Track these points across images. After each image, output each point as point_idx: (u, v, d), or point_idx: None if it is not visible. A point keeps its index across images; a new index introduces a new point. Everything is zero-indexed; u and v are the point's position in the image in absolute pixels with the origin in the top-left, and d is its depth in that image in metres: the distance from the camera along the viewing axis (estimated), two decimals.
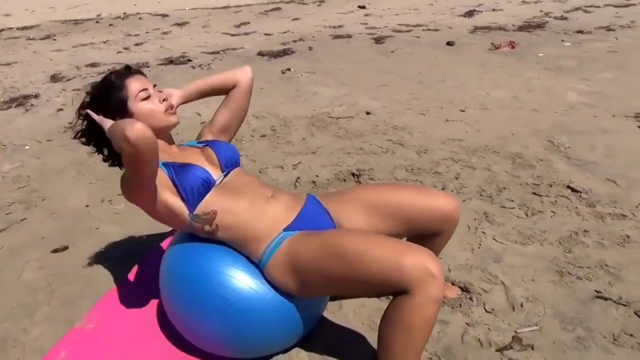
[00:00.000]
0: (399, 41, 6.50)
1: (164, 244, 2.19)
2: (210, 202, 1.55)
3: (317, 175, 2.94)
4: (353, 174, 2.90)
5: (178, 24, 8.65)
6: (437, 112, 3.85)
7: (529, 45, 5.86)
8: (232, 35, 7.64)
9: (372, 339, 1.75)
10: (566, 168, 2.87)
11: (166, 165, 1.57)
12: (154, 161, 1.41)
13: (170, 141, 1.72)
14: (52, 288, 2.08)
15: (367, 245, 1.38)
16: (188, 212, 1.55)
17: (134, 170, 1.42)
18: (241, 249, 1.58)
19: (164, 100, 1.67)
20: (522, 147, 3.16)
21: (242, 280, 1.54)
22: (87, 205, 2.73)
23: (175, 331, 1.72)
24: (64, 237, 2.44)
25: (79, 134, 1.70)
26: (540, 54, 5.46)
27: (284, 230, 1.55)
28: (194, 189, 1.54)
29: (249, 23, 8.55)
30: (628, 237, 2.24)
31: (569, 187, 2.66)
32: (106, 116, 1.57)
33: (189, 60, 6.06)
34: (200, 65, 5.76)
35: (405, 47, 6.15)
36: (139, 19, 9.25)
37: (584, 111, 3.73)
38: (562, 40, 6.07)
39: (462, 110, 3.85)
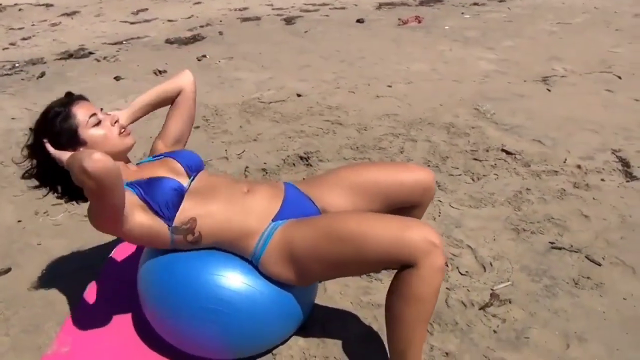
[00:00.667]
0: (309, 21, 6.50)
1: (115, 254, 2.06)
2: (185, 210, 1.49)
3: (265, 163, 2.89)
4: (301, 157, 2.89)
5: (67, 14, 7.93)
6: (365, 89, 3.93)
7: (434, 19, 6.14)
8: (132, 23, 7.17)
9: (363, 316, 1.79)
10: (496, 133, 3.08)
11: (131, 185, 1.49)
12: (119, 190, 1.34)
13: (127, 161, 1.66)
14: (6, 315, 1.87)
15: (366, 225, 1.40)
16: (167, 226, 1.48)
17: (100, 202, 1.34)
18: (231, 249, 1.53)
19: (115, 122, 1.60)
20: (453, 116, 3.34)
21: (235, 277, 1.50)
22: (19, 221, 2.47)
23: (163, 342, 1.63)
24: (2, 258, 2.19)
25: (27, 175, 1.60)
26: (446, 27, 5.75)
27: (273, 220, 1.52)
28: (167, 201, 1.47)
29: (147, 9, 8.07)
30: (564, 190, 2.47)
31: (503, 150, 2.87)
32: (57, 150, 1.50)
33: (91, 53, 5.61)
34: (105, 58, 5.36)
35: (317, 26, 6.17)
36: (19, 10, 8.34)
37: (498, 79, 4.01)
38: (462, 13, 6.43)
39: (389, 86, 3.97)
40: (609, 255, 2.03)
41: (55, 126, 1.52)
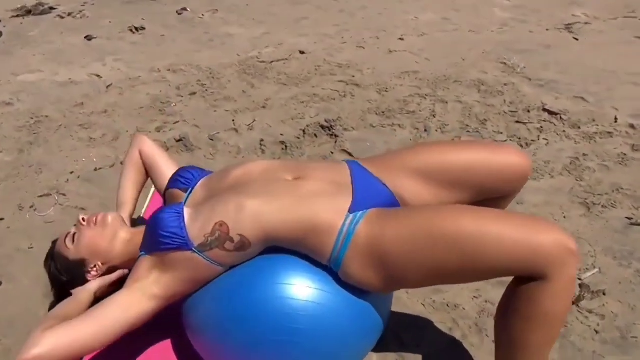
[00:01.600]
0: None
1: None
2: (203, 219, 1.21)
3: (281, 134, 2.54)
4: (323, 127, 2.55)
5: None
6: (375, 44, 3.56)
7: None
8: None
9: (440, 320, 1.54)
10: (532, 90, 2.80)
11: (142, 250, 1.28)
12: (86, 344, 1.15)
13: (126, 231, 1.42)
14: (6, 345, 1.54)
15: (484, 224, 1.09)
16: (191, 252, 1.19)
17: None
18: (301, 248, 1.21)
19: (95, 219, 1.38)
20: (480, 72, 3.03)
21: (310, 296, 1.18)
22: (1, 219, 2.08)
23: None
24: None
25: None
26: None
27: (350, 211, 1.19)
28: (168, 228, 1.22)
29: None
30: (624, 154, 2.23)
31: (545, 110, 2.60)
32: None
33: (52, 9, 4.97)
34: (70, 14, 4.75)
35: None
36: None
37: (518, 27, 3.69)
38: None
39: (401, 39, 3.60)
40: None
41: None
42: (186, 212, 1.24)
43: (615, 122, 2.47)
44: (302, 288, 1.19)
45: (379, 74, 3.09)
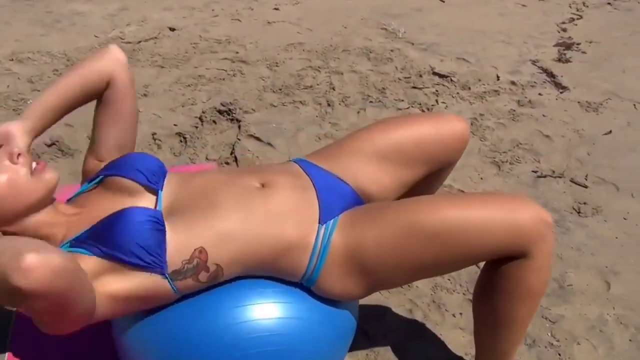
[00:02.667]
0: None
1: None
2: (178, 242, 0.98)
3: (175, 125, 2.27)
4: (220, 112, 2.32)
5: None
6: (251, 15, 3.35)
7: None
8: None
9: (399, 304, 1.50)
10: (417, 54, 2.86)
11: (79, 242, 0.98)
12: (83, 288, 0.89)
13: (55, 205, 1.04)
14: None
15: (465, 212, 1.04)
16: (162, 276, 0.97)
17: (61, 317, 0.89)
18: (270, 273, 1.07)
19: (18, 156, 0.97)
20: (365, 40, 3.01)
21: (281, 317, 1.06)
22: None
23: None
24: None
25: None
26: None
27: (321, 222, 1.08)
28: (146, 242, 0.96)
29: None
30: (514, 110, 2.39)
31: (434, 73, 2.67)
32: None
33: None
34: None
35: None
36: None
37: None
38: None
39: (276, 9, 3.43)
40: (589, 175, 2.00)
41: None
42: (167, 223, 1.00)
43: (498, 80, 2.63)
44: (268, 306, 1.05)
45: (263, 48, 2.91)
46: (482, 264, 1.39)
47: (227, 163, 2.06)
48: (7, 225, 0.98)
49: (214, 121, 2.28)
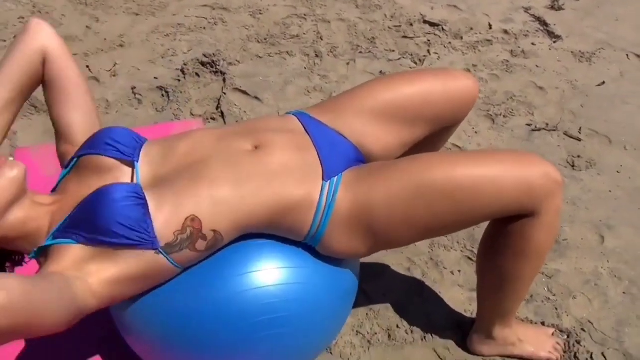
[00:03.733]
0: None
1: None
2: (167, 214, 0.92)
3: (156, 78, 2.15)
4: (203, 63, 2.20)
5: None
6: None
7: None
8: None
9: (397, 262, 1.49)
10: (407, 1, 2.74)
11: (62, 232, 0.91)
12: (47, 309, 0.79)
13: (32, 199, 0.96)
14: None
15: (478, 169, 1.00)
16: (155, 252, 0.91)
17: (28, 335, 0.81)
18: (274, 232, 1.03)
19: None
20: None
21: (281, 264, 1.02)
22: None
23: None
24: None
25: None
26: None
27: (324, 179, 1.02)
28: (128, 219, 0.89)
29: None
30: (507, 61, 2.32)
31: (425, 21, 2.57)
32: None
33: None
34: None
35: None
36: None
37: None
38: None
39: None
40: (582, 128, 1.98)
41: None
42: (147, 197, 0.94)
43: (490, 29, 2.55)
44: (273, 272, 1.01)
45: None
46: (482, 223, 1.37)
47: (213, 119, 1.97)
48: None
49: (197, 74, 2.16)
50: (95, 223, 0.89)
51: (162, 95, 2.07)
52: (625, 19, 2.66)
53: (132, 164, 1.01)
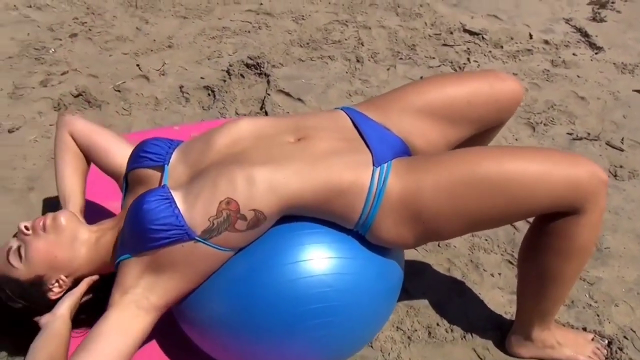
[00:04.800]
0: None
1: None
2: (200, 202, 0.99)
3: (202, 77, 2.22)
4: (248, 65, 2.28)
5: None
6: None
7: None
8: None
9: (437, 262, 1.51)
10: (447, 10, 2.77)
11: (122, 252, 1.04)
12: None
13: (90, 232, 1.14)
14: None
15: (527, 164, 1.02)
16: (194, 241, 0.98)
17: None
18: (326, 217, 1.06)
19: (25, 227, 1.07)
20: None
21: (332, 254, 1.05)
22: None
23: None
24: None
25: None
26: None
27: (375, 164, 1.05)
28: (157, 220, 0.97)
29: None
30: (548, 70, 2.33)
31: (465, 30, 2.59)
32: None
33: None
34: None
35: None
36: None
37: None
38: None
39: None
40: (625, 138, 1.97)
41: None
42: (175, 195, 1.00)
43: (531, 38, 2.55)
44: (324, 261, 1.05)
45: (288, 0, 2.82)
46: (518, 224, 1.38)
47: None
48: (72, 272, 1.09)
49: (242, 75, 2.23)
50: (135, 233, 0.98)
51: (209, 94, 2.14)
52: None
53: (162, 169, 1.09)
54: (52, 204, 1.65)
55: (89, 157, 1.28)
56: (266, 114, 2.02)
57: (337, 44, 2.46)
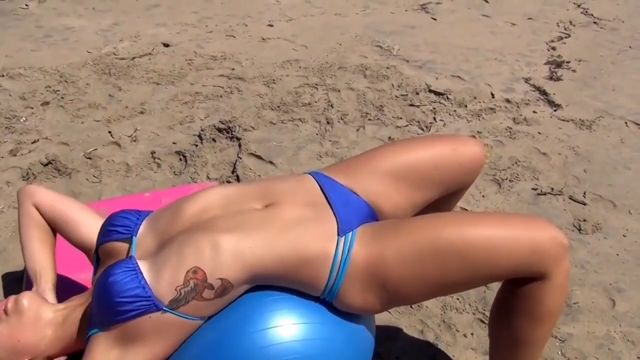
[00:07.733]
0: None
1: None
2: (167, 272, 0.99)
3: (174, 143, 2.25)
4: (220, 129, 2.31)
5: None
6: (245, 31, 3.35)
7: None
8: None
9: (410, 324, 1.50)
10: (413, 72, 2.89)
11: (93, 327, 1.02)
12: None
13: (56, 312, 1.12)
14: None
15: (490, 230, 1.04)
16: (162, 312, 0.97)
17: None
18: (293, 286, 1.06)
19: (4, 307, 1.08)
20: (360, 57, 3.03)
21: (300, 320, 1.04)
22: None
23: None
24: None
25: None
26: None
27: (340, 234, 1.07)
28: (124, 293, 0.97)
29: None
30: (510, 128, 2.42)
31: (430, 90, 2.70)
32: None
33: None
34: None
35: None
36: None
37: (380, 9, 3.77)
38: None
39: (270, 25, 3.44)
40: (587, 192, 2.04)
41: None
42: (142, 265, 1.00)
43: (493, 97, 2.67)
44: (293, 327, 1.04)
45: (260, 65, 2.91)
46: (491, 285, 1.39)
47: (228, 182, 2.04)
48: (39, 354, 1.07)
49: (214, 139, 2.27)
50: (102, 307, 0.98)
51: (180, 159, 2.16)
52: (622, 89, 2.79)
53: (130, 241, 1.09)
54: (17, 277, 1.61)
55: (55, 228, 1.27)
56: (237, 177, 2.04)
57: (308, 107, 2.53)
